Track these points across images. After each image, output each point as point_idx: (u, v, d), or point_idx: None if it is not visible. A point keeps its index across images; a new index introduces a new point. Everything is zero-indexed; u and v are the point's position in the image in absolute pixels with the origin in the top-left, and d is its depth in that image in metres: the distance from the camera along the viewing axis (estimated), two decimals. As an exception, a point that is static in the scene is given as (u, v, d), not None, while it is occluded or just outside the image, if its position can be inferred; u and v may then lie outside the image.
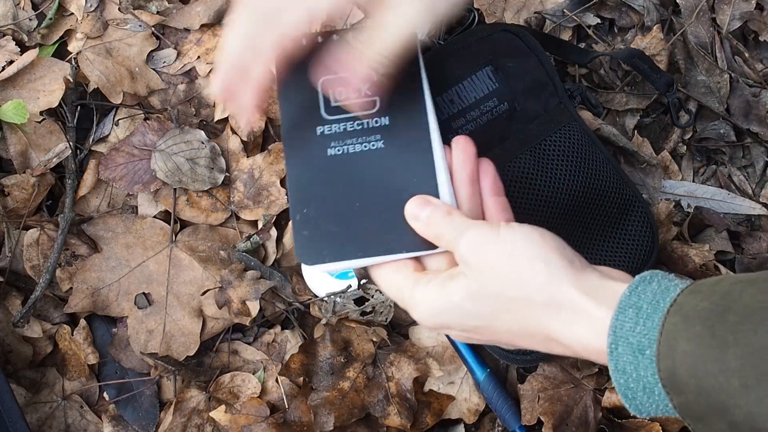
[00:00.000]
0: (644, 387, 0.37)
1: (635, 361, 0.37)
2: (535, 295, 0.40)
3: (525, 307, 0.41)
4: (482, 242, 0.42)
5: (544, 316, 0.40)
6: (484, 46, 0.64)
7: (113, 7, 0.76)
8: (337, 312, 0.69)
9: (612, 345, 0.37)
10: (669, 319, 0.36)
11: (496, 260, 0.41)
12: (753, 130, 0.78)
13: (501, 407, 0.67)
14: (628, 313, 0.37)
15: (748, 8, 0.81)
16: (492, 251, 0.42)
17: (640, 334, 0.37)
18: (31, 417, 0.68)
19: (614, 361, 0.38)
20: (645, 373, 0.37)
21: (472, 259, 0.42)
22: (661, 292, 0.38)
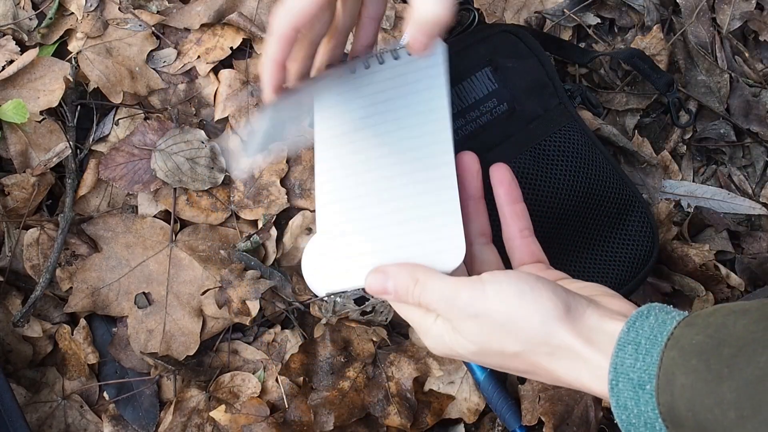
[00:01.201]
0: (645, 422, 0.37)
1: (636, 397, 0.37)
2: (536, 348, 0.41)
3: (529, 356, 0.41)
4: (472, 311, 0.41)
5: (548, 362, 0.41)
6: (484, 47, 0.64)
7: (113, 6, 0.76)
8: (338, 312, 0.69)
9: (613, 382, 0.38)
10: (667, 354, 0.36)
11: (492, 324, 0.41)
12: (753, 130, 0.78)
13: (501, 407, 0.67)
14: (628, 350, 0.38)
15: (749, 8, 0.81)
16: (486, 321, 0.41)
17: (640, 370, 0.37)
18: (31, 416, 0.68)
19: (615, 398, 0.38)
20: (646, 408, 0.37)
21: (468, 329, 0.42)
22: (659, 326, 0.38)
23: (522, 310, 0.41)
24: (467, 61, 0.63)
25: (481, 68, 0.63)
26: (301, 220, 0.73)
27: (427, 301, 0.43)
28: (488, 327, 0.41)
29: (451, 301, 0.42)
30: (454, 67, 0.62)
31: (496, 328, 0.41)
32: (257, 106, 0.75)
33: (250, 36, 0.76)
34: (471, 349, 0.43)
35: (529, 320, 0.40)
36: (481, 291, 0.42)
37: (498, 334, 0.41)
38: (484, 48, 0.64)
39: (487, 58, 0.63)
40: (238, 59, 0.77)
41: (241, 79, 0.75)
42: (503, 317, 0.41)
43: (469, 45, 0.64)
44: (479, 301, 0.41)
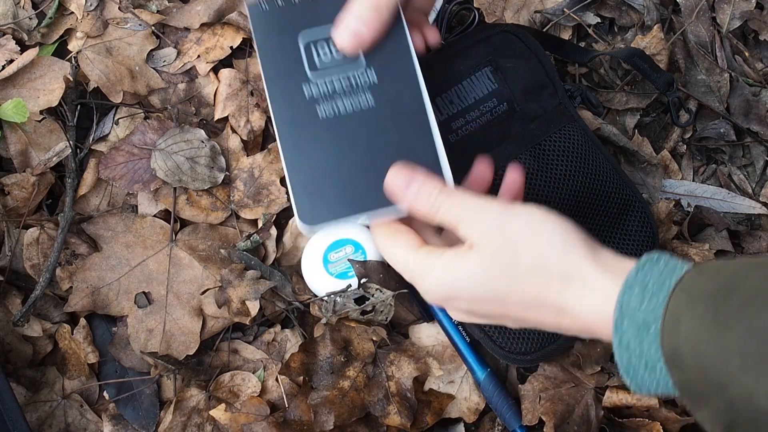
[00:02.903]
0: (646, 363, 0.37)
1: (639, 337, 0.37)
2: (551, 266, 0.41)
3: (539, 277, 0.41)
4: (498, 225, 0.42)
5: (558, 286, 0.41)
6: (484, 47, 0.64)
7: (113, 6, 0.76)
8: (338, 311, 0.69)
9: (617, 320, 0.38)
10: (674, 298, 0.36)
11: (513, 238, 0.42)
12: (753, 130, 0.78)
13: (501, 407, 0.67)
14: (635, 290, 0.38)
15: (748, 7, 0.81)
16: (509, 231, 0.42)
17: (646, 311, 0.37)
18: (31, 416, 0.68)
19: (619, 337, 0.38)
20: (648, 350, 0.37)
21: (488, 241, 0.42)
22: (668, 271, 0.38)
23: (547, 232, 0.42)
24: (467, 61, 0.63)
25: (480, 68, 0.63)
26: (301, 219, 0.73)
27: (450, 209, 0.43)
28: (510, 241, 0.42)
29: (479, 210, 0.43)
30: (454, 66, 0.62)
31: (519, 242, 0.41)
32: (257, 106, 0.75)
33: (250, 35, 0.76)
34: (478, 268, 0.42)
35: (552, 242, 0.41)
36: (511, 208, 0.43)
37: (517, 249, 0.41)
38: (483, 48, 0.64)
39: (487, 58, 0.63)
40: (238, 59, 0.77)
41: (241, 79, 0.75)
42: (528, 232, 0.41)
43: (469, 45, 0.64)
44: (509, 215, 0.42)
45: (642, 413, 0.66)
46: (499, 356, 0.66)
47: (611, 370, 0.67)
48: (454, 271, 0.43)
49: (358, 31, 0.47)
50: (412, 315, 0.72)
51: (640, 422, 0.65)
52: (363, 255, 0.70)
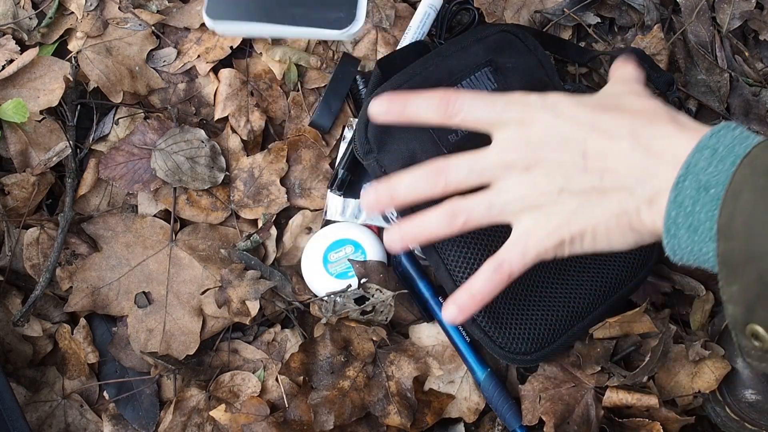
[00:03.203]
0: (690, 224, 0.39)
1: (696, 196, 0.38)
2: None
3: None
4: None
5: (660, 123, 0.43)
6: (483, 47, 0.64)
7: (113, 6, 0.76)
8: (338, 312, 0.69)
9: (681, 177, 0.39)
10: (740, 170, 0.38)
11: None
12: (753, 129, 0.78)
13: (502, 407, 0.67)
14: (705, 153, 0.39)
15: (749, 7, 0.81)
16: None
17: (710, 174, 0.38)
18: (31, 416, 0.68)
19: (675, 193, 0.39)
20: (700, 210, 0.38)
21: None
22: (740, 139, 0.39)
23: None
24: (466, 61, 0.63)
25: (480, 68, 0.63)
26: (301, 219, 0.73)
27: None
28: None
29: None
30: (453, 65, 0.62)
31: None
32: (257, 106, 0.75)
33: (250, 35, 0.76)
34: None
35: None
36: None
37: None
38: (483, 48, 0.64)
39: (487, 58, 0.63)
40: (238, 59, 0.77)
41: (241, 79, 0.75)
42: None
43: (468, 44, 0.64)
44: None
45: (642, 413, 0.66)
46: (499, 356, 0.66)
47: (611, 370, 0.67)
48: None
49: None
50: (412, 315, 0.72)
51: (640, 422, 0.65)
52: (363, 255, 0.70)
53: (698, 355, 0.67)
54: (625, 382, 0.66)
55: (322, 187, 0.74)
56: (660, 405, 0.65)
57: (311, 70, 0.76)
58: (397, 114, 0.49)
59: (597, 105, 0.45)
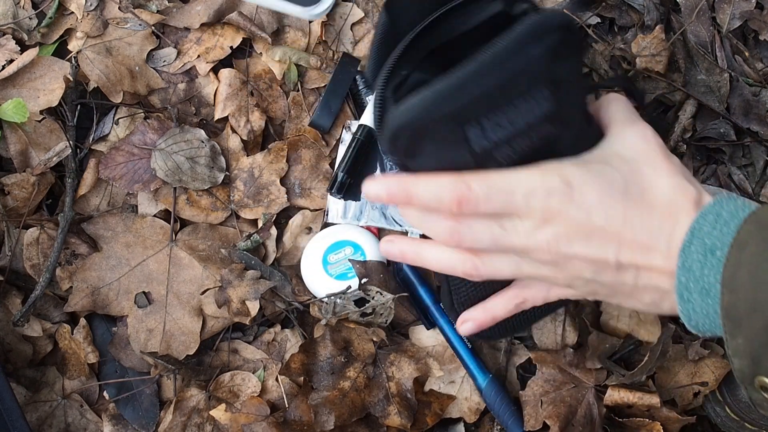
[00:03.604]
0: (702, 288, 0.39)
1: (703, 260, 0.39)
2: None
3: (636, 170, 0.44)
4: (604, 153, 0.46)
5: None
6: (543, 53, 0.45)
7: (113, 6, 0.76)
8: (337, 313, 0.69)
9: (687, 242, 0.40)
10: (744, 227, 0.38)
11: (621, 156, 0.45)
12: (753, 129, 0.78)
13: (504, 414, 0.67)
14: (708, 218, 0.40)
15: (749, 7, 0.81)
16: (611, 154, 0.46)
17: (715, 237, 0.39)
18: (31, 416, 0.68)
19: (683, 258, 0.39)
20: (708, 273, 0.38)
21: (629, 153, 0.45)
22: (744, 206, 0.40)
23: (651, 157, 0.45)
24: (524, 71, 0.44)
25: (538, 86, 0.45)
26: (301, 219, 0.73)
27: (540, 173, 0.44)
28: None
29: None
30: (508, 76, 0.44)
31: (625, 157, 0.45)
32: (257, 106, 0.75)
33: (250, 35, 0.76)
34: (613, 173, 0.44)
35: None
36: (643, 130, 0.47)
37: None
38: (542, 53, 0.44)
39: (548, 76, 0.45)
40: (238, 59, 0.77)
41: (241, 79, 0.75)
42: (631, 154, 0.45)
43: (526, 45, 0.44)
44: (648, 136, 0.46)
45: (643, 413, 0.66)
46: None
47: (611, 368, 0.67)
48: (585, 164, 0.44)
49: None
50: (412, 316, 0.72)
51: (641, 422, 0.65)
52: (362, 256, 0.70)
53: (698, 354, 0.67)
54: (624, 381, 0.66)
55: (322, 187, 0.74)
56: (661, 405, 0.65)
57: (311, 70, 0.76)
58: (401, 203, 0.46)
59: (625, 193, 0.42)
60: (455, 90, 0.43)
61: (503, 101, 0.44)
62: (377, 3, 0.78)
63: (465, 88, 0.43)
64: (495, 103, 0.43)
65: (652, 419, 0.65)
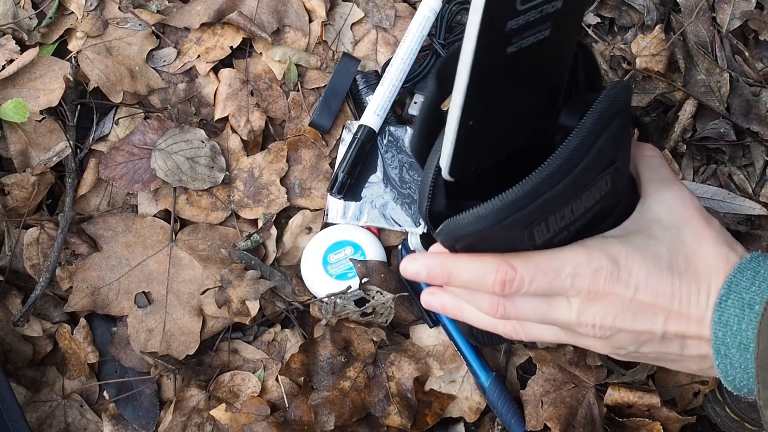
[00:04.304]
0: (740, 343, 0.38)
1: (740, 315, 0.38)
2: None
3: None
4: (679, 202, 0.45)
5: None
6: (609, 141, 0.43)
7: (113, 6, 0.76)
8: (338, 313, 0.69)
9: (723, 297, 0.39)
10: None
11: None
12: (753, 129, 0.78)
13: (506, 413, 0.67)
14: (746, 274, 0.39)
15: (748, 7, 0.81)
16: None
17: (754, 292, 0.38)
18: (31, 416, 0.68)
19: (720, 313, 0.39)
20: (746, 328, 0.38)
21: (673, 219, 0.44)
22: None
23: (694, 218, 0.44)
24: (595, 166, 0.43)
25: (603, 175, 0.44)
26: (301, 219, 0.73)
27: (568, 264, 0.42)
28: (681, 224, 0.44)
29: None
30: (584, 176, 0.42)
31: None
32: (257, 106, 0.75)
33: (250, 35, 0.76)
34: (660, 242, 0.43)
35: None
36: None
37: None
38: (608, 142, 0.43)
39: (612, 162, 0.44)
40: (238, 59, 0.77)
41: (241, 79, 0.75)
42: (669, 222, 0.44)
43: (597, 138, 0.43)
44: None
45: (643, 413, 0.66)
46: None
47: (611, 366, 0.67)
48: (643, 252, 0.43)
49: None
50: (412, 315, 0.72)
51: (641, 422, 0.65)
52: (363, 256, 0.70)
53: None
54: (624, 380, 0.66)
55: (322, 187, 0.74)
56: (661, 404, 0.65)
57: (311, 70, 0.76)
58: (440, 283, 0.45)
59: (670, 267, 0.42)
60: (527, 199, 0.40)
61: (572, 197, 0.42)
62: (377, 3, 0.78)
63: (537, 195, 0.40)
64: (564, 202, 0.42)
65: (652, 419, 0.65)
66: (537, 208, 0.40)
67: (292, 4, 0.78)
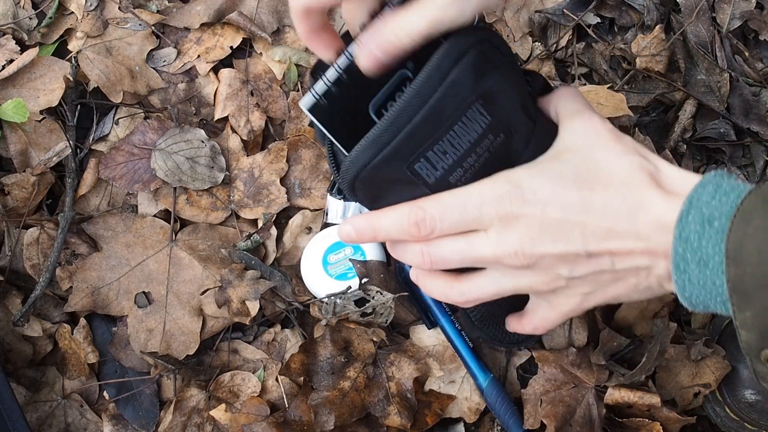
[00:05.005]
0: (700, 260, 0.38)
1: (701, 231, 0.38)
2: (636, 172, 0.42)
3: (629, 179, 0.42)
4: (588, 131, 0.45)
5: (644, 190, 0.41)
6: (465, 72, 0.47)
7: (113, 6, 0.76)
8: (338, 313, 0.69)
9: (684, 212, 0.39)
10: (749, 198, 0.38)
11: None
12: (753, 129, 0.78)
13: (505, 413, 0.67)
14: (708, 188, 0.39)
15: (748, 7, 0.81)
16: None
17: (714, 207, 0.38)
18: (31, 416, 0.68)
19: (680, 229, 0.39)
20: (706, 245, 0.38)
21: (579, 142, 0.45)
22: (743, 184, 0.39)
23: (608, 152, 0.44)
24: (453, 98, 0.47)
25: (470, 106, 0.47)
26: (301, 219, 0.73)
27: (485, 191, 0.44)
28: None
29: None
30: (441, 109, 0.47)
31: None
32: (257, 106, 0.75)
33: (250, 35, 0.76)
34: (572, 166, 0.43)
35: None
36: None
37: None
38: (465, 73, 0.47)
39: (475, 92, 0.47)
40: (238, 58, 0.77)
41: (241, 79, 0.75)
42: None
43: (448, 72, 0.47)
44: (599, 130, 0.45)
45: (643, 413, 0.66)
46: (498, 345, 0.65)
47: (612, 368, 0.67)
48: (549, 172, 0.44)
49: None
50: (412, 315, 0.72)
51: (641, 422, 0.65)
52: (362, 256, 0.70)
53: (700, 354, 0.67)
54: (623, 381, 0.66)
55: (322, 187, 0.74)
56: (661, 404, 0.65)
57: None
58: (370, 240, 0.47)
59: (578, 180, 0.43)
60: (384, 133, 0.44)
61: (440, 130, 0.45)
62: (377, 3, 0.78)
63: (393, 129, 0.44)
64: (431, 134, 0.45)
65: (652, 419, 0.65)
66: (403, 139, 0.44)
67: (292, 4, 0.78)
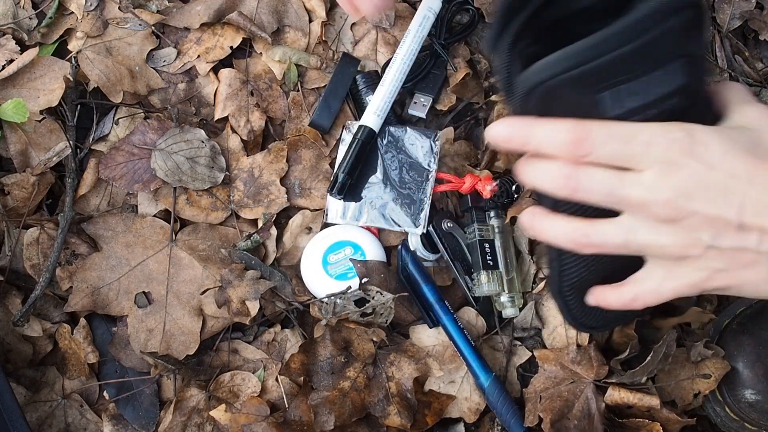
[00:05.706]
0: None
1: None
2: None
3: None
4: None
5: None
6: (681, 28, 0.46)
7: (113, 6, 0.76)
8: (337, 313, 0.69)
9: None
10: None
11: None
12: (753, 130, 0.78)
13: (506, 413, 0.67)
14: None
15: (749, 7, 0.81)
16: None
17: None
18: (31, 416, 0.68)
19: None
20: None
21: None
22: None
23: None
24: (659, 48, 0.45)
25: (674, 59, 0.46)
26: (301, 219, 0.73)
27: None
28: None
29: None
30: (645, 51, 0.45)
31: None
32: (257, 106, 0.75)
33: (250, 35, 0.76)
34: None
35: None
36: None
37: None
38: (679, 26, 0.45)
39: (683, 48, 0.46)
40: (238, 59, 0.77)
41: (241, 79, 0.75)
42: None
43: (660, 21, 0.45)
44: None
45: (643, 414, 0.66)
46: (568, 323, 0.65)
47: (613, 367, 0.67)
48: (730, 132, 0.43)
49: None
50: (412, 315, 0.72)
51: (641, 423, 0.65)
52: (362, 256, 0.70)
53: (701, 355, 0.67)
54: (623, 381, 0.66)
55: (322, 187, 0.74)
56: (661, 405, 0.65)
57: (311, 70, 0.76)
58: (518, 145, 0.44)
59: (749, 151, 0.41)
60: (591, 51, 0.43)
61: (641, 69, 0.44)
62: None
63: (600, 50, 0.43)
64: (630, 70, 0.43)
65: (652, 420, 0.65)
66: (603, 64, 0.42)
67: (292, 4, 0.78)
